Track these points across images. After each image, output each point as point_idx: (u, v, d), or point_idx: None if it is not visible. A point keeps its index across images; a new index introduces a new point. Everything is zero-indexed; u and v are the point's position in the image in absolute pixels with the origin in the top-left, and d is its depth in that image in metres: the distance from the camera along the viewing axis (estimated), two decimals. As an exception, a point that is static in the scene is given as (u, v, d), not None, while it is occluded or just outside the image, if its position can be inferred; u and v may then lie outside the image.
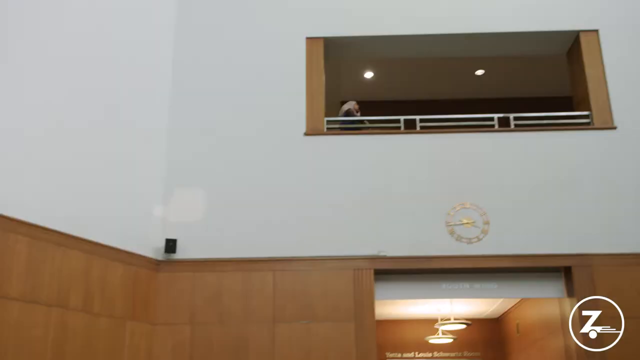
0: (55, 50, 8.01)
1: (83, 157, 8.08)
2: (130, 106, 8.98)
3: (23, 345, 6.87)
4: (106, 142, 8.46)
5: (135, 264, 8.52)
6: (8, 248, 6.93)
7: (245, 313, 8.67)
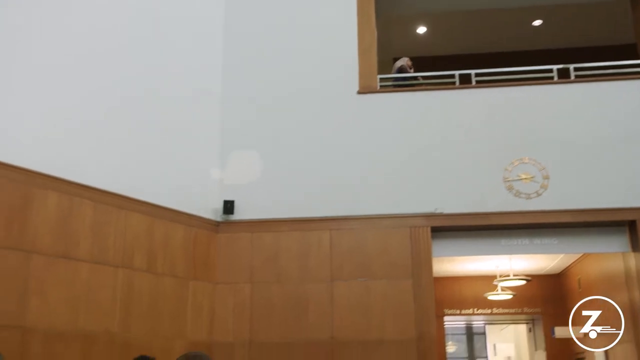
0: (110, 21, 8.15)
1: (142, 125, 8.27)
2: (184, 74, 9.07)
3: (93, 304, 7.19)
4: (163, 109, 8.61)
5: (195, 225, 8.72)
6: (75, 212, 7.21)
7: (303, 272, 8.79)
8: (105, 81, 7.91)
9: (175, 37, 9.05)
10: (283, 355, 8.41)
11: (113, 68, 8.03)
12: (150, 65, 8.55)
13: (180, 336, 8.16)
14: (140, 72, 8.40)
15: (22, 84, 7.00)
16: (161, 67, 8.73)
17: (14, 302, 6.45)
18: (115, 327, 7.38)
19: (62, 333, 6.79)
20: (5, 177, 6.61)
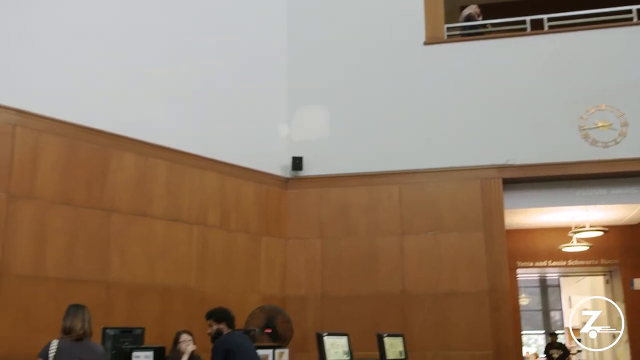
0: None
1: (212, 86, 8.40)
2: (250, 34, 9.11)
3: (170, 260, 7.48)
4: (231, 68, 8.70)
5: (266, 182, 8.87)
6: (150, 172, 7.46)
7: (372, 226, 8.83)
8: (178, 44, 8.05)
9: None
10: (354, 308, 8.54)
11: (184, 32, 8.15)
12: (218, 26, 8.63)
13: (254, 290, 8.40)
14: (210, 34, 8.49)
15: (100, 49, 7.20)
16: (228, 29, 8.78)
17: (97, 259, 6.78)
18: (192, 281, 7.67)
19: (142, 288, 7.11)
20: (85, 140, 6.89)
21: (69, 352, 3.88)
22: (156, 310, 7.16)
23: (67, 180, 6.68)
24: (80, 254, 6.63)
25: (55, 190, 6.56)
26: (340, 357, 6.10)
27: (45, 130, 6.57)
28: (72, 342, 3.91)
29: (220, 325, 5.06)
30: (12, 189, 6.23)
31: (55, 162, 6.61)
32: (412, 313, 8.43)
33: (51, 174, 6.56)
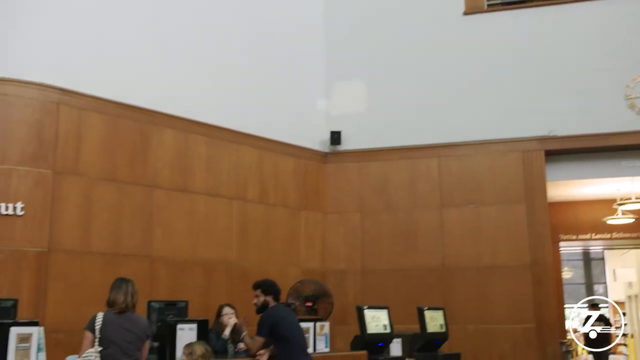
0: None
1: (250, 61, 8.39)
2: (288, 5, 9.07)
3: (211, 234, 7.59)
4: (269, 44, 8.68)
5: (304, 157, 8.88)
6: (190, 148, 7.54)
7: (412, 200, 8.79)
8: (215, 21, 8.07)
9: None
10: (394, 281, 8.55)
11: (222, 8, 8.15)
12: (256, 1, 8.61)
13: (294, 264, 8.47)
14: (247, 9, 8.48)
15: (139, 28, 7.27)
16: (266, 3, 8.75)
17: (141, 234, 6.92)
18: (233, 255, 7.77)
19: (184, 262, 7.24)
20: (126, 117, 6.99)
21: (113, 324, 3.97)
22: (199, 284, 7.29)
23: (110, 157, 6.80)
24: (124, 229, 6.78)
25: (98, 167, 6.69)
26: (380, 330, 6.13)
27: (87, 108, 6.69)
28: (116, 314, 4.01)
29: (267, 298, 5.12)
30: (58, 166, 6.37)
31: (98, 139, 6.73)
32: (453, 286, 8.40)
33: (94, 151, 6.68)
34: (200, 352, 4.32)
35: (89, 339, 3.93)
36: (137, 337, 4.05)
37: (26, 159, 6.19)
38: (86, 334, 3.95)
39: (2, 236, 5.94)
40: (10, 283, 5.87)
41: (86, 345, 3.92)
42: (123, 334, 3.99)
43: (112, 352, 3.91)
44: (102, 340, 3.91)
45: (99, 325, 3.94)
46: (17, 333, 3.88)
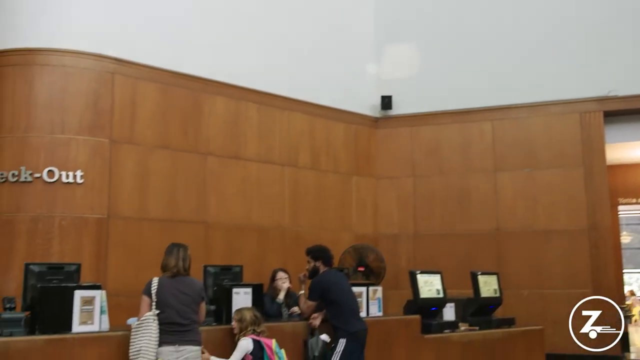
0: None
1: (300, 27, 8.36)
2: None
3: (264, 200, 7.67)
4: (319, 9, 8.61)
5: (355, 122, 8.84)
6: (241, 115, 7.59)
7: (465, 164, 8.68)
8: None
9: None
10: (447, 246, 8.51)
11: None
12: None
13: (346, 229, 8.51)
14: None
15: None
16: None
17: (195, 201, 7.05)
18: (286, 221, 7.85)
19: (238, 227, 7.35)
20: (179, 86, 7.07)
21: (168, 288, 4.04)
22: (253, 249, 7.41)
23: (164, 125, 6.92)
24: (179, 196, 6.92)
25: (153, 135, 6.81)
26: (433, 294, 6.12)
27: (141, 77, 6.79)
28: (170, 278, 4.09)
29: (316, 263, 5.16)
30: (114, 135, 6.52)
31: (152, 108, 6.85)
32: (507, 251, 8.31)
33: (149, 120, 6.81)
34: (250, 318, 4.42)
35: (146, 303, 4.03)
36: (191, 300, 4.13)
37: (84, 129, 6.35)
38: (143, 297, 4.05)
39: (64, 203, 6.15)
40: (72, 249, 6.09)
41: (144, 309, 4.02)
42: (178, 297, 4.07)
43: (168, 315, 4.01)
44: (158, 303, 4.01)
45: (155, 289, 4.04)
46: (81, 296, 4.01)
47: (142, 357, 3.88)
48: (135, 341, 3.93)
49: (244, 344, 4.34)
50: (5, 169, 6.10)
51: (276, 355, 4.38)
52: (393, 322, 5.71)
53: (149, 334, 3.93)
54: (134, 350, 3.91)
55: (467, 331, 6.33)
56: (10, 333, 3.78)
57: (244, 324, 4.42)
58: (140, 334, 3.94)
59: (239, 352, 4.33)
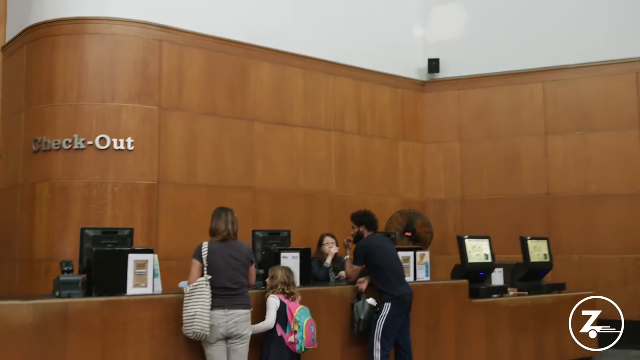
0: None
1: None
2: None
3: (311, 166, 7.70)
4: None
5: (402, 86, 8.73)
6: (287, 81, 7.58)
7: (515, 127, 8.50)
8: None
9: None
10: (496, 211, 8.40)
11: None
12: None
13: (393, 194, 8.48)
14: None
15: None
16: None
17: (243, 167, 7.12)
18: (333, 186, 7.87)
19: (286, 192, 7.41)
20: (225, 52, 7.09)
21: (218, 252, 4.08)
22: (300, 214, 7.46)
23: (211, 92, 6.97)
24: (227, 162, 7.00)
25: (201, 102, 6.88)
26: (481, 259, 6.08)
27: (188, 44, 6.83)
28: (220, 242, 4.13)
29: (360, 228, 5.19)
30: (163, 102, 6.61)
31: (199, 75, 6.89)
32: (558, 216, 8.16)
33: (196, 86, 6.86)
34: (282, 277, 4.45)
35: (197, 267, 4.08)
36: (241, 264, 4.17)
37: (133, 96, 6.45)
38: (194, 262, 4.10)
39: (116, 170, 6.30)
40: (125, 214, 6.25)
41: (195, 273, 4.06)
42: (228, 262, 4.11)
43: (219, 279, 4.05)
44: (209, 268, 4.05)
45: (206, 254, 4.07)
46: (134, 260, 4.13)
47: (198, 321, 3.95)
48: (189, 306, 3.98)
49: (273, 301, 4.40)
50: (59, 137, 6.27)
51: (296, 322, 4.38)
52: (441, 286, 5.71)
53: (202, 298, 3.98)
54: (189, 315, 3.96)
55: (516, 296, 6.29)
56: (69, 295, 3.93)
57: (274, 282, 4.46)
58: (194, 298, 3.99)
59: (271, 310, 4.38)
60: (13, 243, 6.56)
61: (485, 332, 5.84)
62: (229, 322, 4.05)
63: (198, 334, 3.96)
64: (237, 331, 4.08)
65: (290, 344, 4.36)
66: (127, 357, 3.92)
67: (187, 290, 4.03)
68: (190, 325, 3.95)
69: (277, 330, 4.38)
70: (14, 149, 6.75)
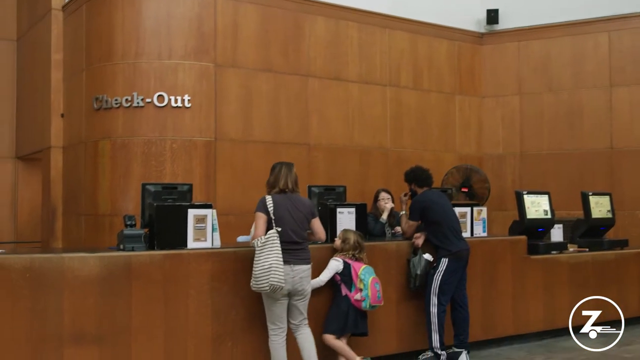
0: None
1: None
2: None
3: (366, 121, 7.65)
4: None
5: (459, 38, 8.51)
6: (342, 35, 7.49)
7: (577, 79, 8.21)
8: None
9: None
10: (556, 165, 8.20)
11: None
12: None
13: (449, 149, 8.36)
14: None
15: None
16: None
17: (298, 122, 7.13)
18: (388, 142, 7.81)
19: (341, 148, 7.40)
20: (279, 7, 7.04)
21: (283, 205, 4.01)
22: (355, 170, 7.46)
23: (266, 48, 6.95)
24: (282, 118, 7.02)
25: (256, 58, 6.88)
26: (540, 215, 5.97)
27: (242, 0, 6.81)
28: (283, 195, 4.06)
29: (412, 186, 5.16)
30: (218, 59, 6.64)
31: (253, 31, 6.88)
32: (621, 170, 7.91)
33: (251, 42, 6.86)
34: (354, 242, 4.46)
35: (262, 220, 3.96)
36: (304, 217, 4.12)
37: (189, 53, 6.50)
38: (259, 215, 3.99)
39: (174, 127, 6.41)
40: (184, 170, 6.38)
41: (260, 226, 3.95)
42: (292, 215, 4.04)
43: (285, 232, 3.96)
44: (276, 221, 3.97)
45: (272, 207, 3.99)
46: (194, 214, 4.21)
47: (274, 273, 3.85)
48: (262, 258, 3.88)
49: (334, 264, 4.43)
50: (119, 95, 6.40)
51: (360, 280, 4.40)
52: (498, 242, 5.65)
53: (276, 250, 3.90)
54: (264, 268, 3.85)
55: (576, 253, 6.17)
56: (132, 248, 4.06)
57: (346, 246, 4.48)
58: (267, 251, 3.89)
59: (328, 271, 4.42)
60: (78, 199, 6.80)
61: (543, 289, 5.76)
62: (295, 277, 4.00)
63: (275, 285, 3.85)
64: (301, 286, 4.05)
65: (356, 302, 4.40)
66: (188, 307, 4.05)
67: (259, 244, 3.91)
68: (264, 277, 3.84)
69: (341, 290, 4.43)
70: (76, 108, 6.94)
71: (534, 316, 5.65)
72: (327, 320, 4.44)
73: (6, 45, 8.48)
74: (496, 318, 5.47)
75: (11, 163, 8.41)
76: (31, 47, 8.02)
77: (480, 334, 5.32)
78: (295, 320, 4.12)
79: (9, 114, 8.42)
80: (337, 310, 4.42)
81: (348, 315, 4.40)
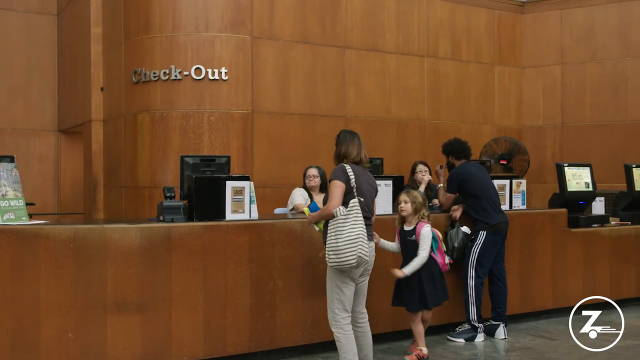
0: None
1: None
2: None
3: (403, 93, 7.57)
4: None
5: (499, 7, 8.32)
6: (379, 5, 7.39)
7: (623, 48, 7.98)
8: None
9: None
10: (598, 137, 8.03)
11: None
12: None
13: (488, 121, 8.24)
14: None
15: None
16: None
17: (334, 95, 7.10)
18: (425, 113, 7.73)
19: (377, 120, 7.35)
20: (314, -23, 6.98)
21: (361, 176, 3.70)
22: (392, 142, 7.41)
23: (302, 19, 6.90)
24: (319, 90, 6.99)
25: (292, 30, 6.84)
26: (582, 188, 5.86)
27: (278, -30, 6.77)
28: (359, 167, 3.74)
29: (449, 158, 5.11)
30: (255, 31, 6.62)
31: (290, 2, 6.83)
32: (667, 143, 7.70)
33: (287, 14, 6.81)
34: (423, 199, 4.36)
35: (340, 189, 3.60)
36: (374, 191, 3.88)
37: (226, 26, 6.50)
38: (337, 184, 3.62)
39: (211, 99, 6.44)
40: (221, 142, 6.42)
41: (338, 196, 3.60)
42: (368, 189, 3.78)
43: (363, 205, 3.67)
44: (358, 190, 3.66)
45: (353, 176, 3.65)
46: (232, 186, 4.24)
47: (362, 242, 3.55)
48: (347, 229, 3.56)
49: (428, 231, 4.22)
50: (157, 68, 6.44)
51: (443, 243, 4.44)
52: (537, 215, 5.57)
53: (361, 221, 3.61)
54: (350, 238, 3.53)
55: (618, 226, 6.06)
56: (172, 219, 4.12)
57: (418, 204, 4.25)
58: (351, 221, 3.57)
59: (427, 242, 4.21)
60: (118, 171, 6.92)
61: (583, 262, 5.68)
62: (371, 255, 3.73)
63: (362, 258, 3.54)
64: (371, 265, 3.80)
65: (443, 265, 4.34)
66: (226, 278, 4.11)
67: (340, 213, 3.57)
68: (350, 250, 3.52)
69: (433, 258, 4.32)
70: (115, 81, 7.02)
71: (573, 290, 5.57)
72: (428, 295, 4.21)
73: (47, 19, 8.60)
74: (534, 291, 5.43)
75: (54, 136, 8.59)
76: (71, 21, 8.12)
77: (518, 307, 5.29)
78: (359, 307, 3.80)
79: (51, 88, 8.57)
80: (431, 281, 4.24)
81: (437, 279, 4.28)
